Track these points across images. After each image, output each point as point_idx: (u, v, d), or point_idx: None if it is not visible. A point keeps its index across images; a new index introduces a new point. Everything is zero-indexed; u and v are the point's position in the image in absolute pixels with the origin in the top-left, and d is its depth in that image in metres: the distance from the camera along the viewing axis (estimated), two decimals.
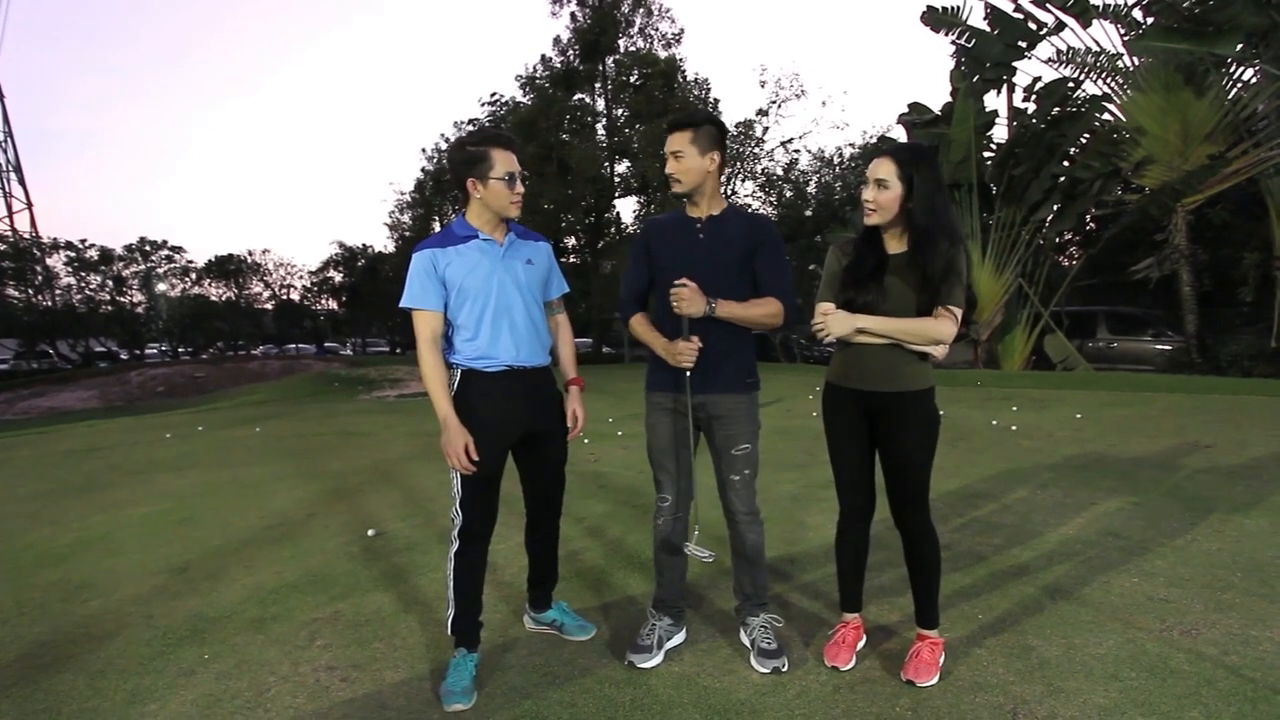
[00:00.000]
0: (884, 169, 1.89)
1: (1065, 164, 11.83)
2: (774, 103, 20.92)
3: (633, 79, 20.18)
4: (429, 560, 3.09)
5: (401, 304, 2.03)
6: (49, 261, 29.40)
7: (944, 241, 1.86)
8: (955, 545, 3.04)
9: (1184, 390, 7.80)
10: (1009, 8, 11.82)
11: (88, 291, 30.13)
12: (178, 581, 3.01)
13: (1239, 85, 10.62)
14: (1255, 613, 2.29)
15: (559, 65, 20.56)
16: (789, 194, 22.07)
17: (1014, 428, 5.96)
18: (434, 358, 2.03)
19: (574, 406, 2.24)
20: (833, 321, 1.91)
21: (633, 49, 20.73)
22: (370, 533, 3.56)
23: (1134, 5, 10.79)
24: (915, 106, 13.84)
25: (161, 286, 32.74)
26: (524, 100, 20.24)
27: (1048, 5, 11.28)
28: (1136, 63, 11.16)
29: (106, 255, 30.59)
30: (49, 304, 29.03)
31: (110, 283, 30.65)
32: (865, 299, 1.92)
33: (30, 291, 28.48)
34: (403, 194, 24.65)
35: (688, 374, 2.00)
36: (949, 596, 2.45)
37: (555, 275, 2.26)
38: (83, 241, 30.08)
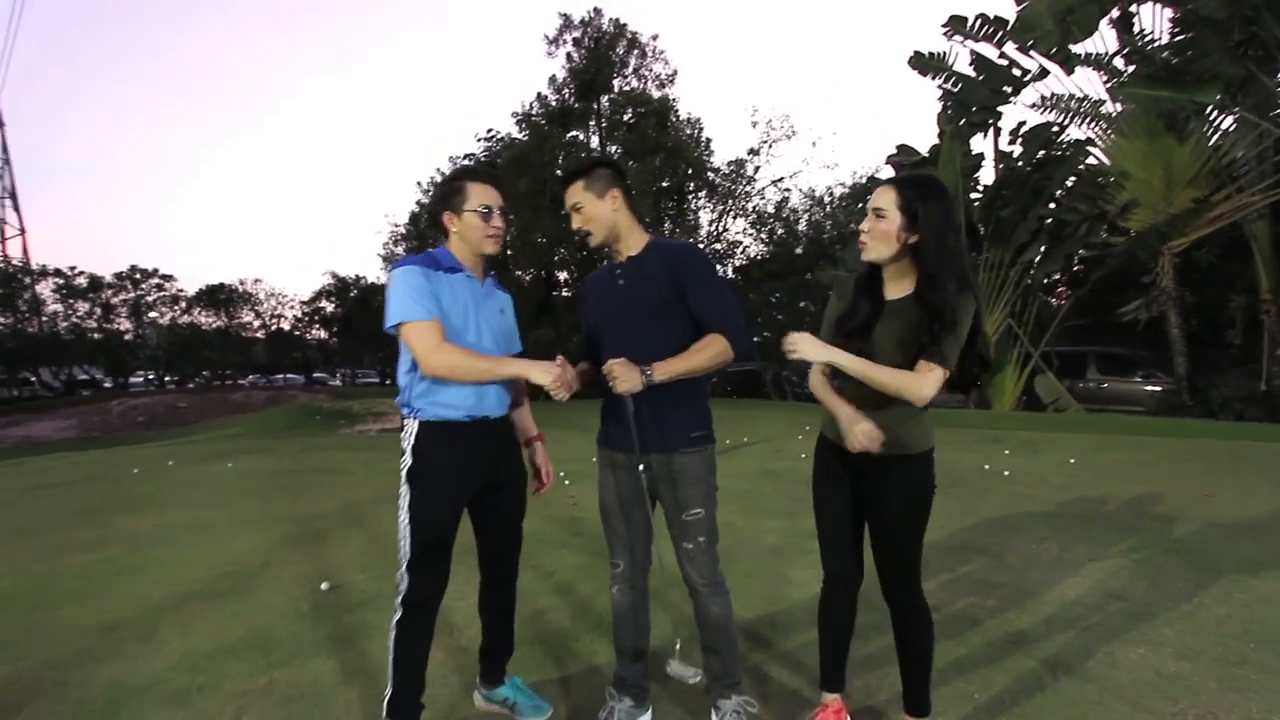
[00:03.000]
0: (884, 198, 1.70)
1: (1051, 206, 11.92)
2: (765, 142, 21.24)
3: (626, 117, 20.42)
4: (381, 620, 2.84)
5: (390, 322, 1.80)
6: (37, 289, 29.22)
7: (950, 283, 1.65)
8: (946, 605, 2.84)
9: (1178, 434, 7.67)
10: (993, 54, 12.07)
11: (74, 319, 29.86)
12: (104, 643, 2.76)
13: (1220, 132, 10.80)
14: (1275, 693, 2.09)
15: (554, 103, 20.85)
16: (780, 232, 22.26)
17: (1006, 473, 5.79)
18: (454, 350, 1.79)
19: (539, 461, 2.18)
20: (802, 343, 1.71)
21: (627, 88, 21.06)
22: (324, 586, 3.31)
23: (1115, 54, 11.03)
24: (903, 148, 14.03)
25: (151, 315, 32.53)
26: (519, 136, 20.44)
27: (1031, 52, 11.51)
28: (1119, 109, 11.36)
29: (95, 283, 30.46)
30: (34, 331, 28.71)
31: (99, 310, 30.42)
32: (852, 350, 1.74)
33: (16, 318, 28.19)
34: (397, 226, 24.61)
35: (614, 427, 1.85)
36: (942, 670, 2.25)
37: (515, 330, 2.14)
38: (72, 269, 30.06)
